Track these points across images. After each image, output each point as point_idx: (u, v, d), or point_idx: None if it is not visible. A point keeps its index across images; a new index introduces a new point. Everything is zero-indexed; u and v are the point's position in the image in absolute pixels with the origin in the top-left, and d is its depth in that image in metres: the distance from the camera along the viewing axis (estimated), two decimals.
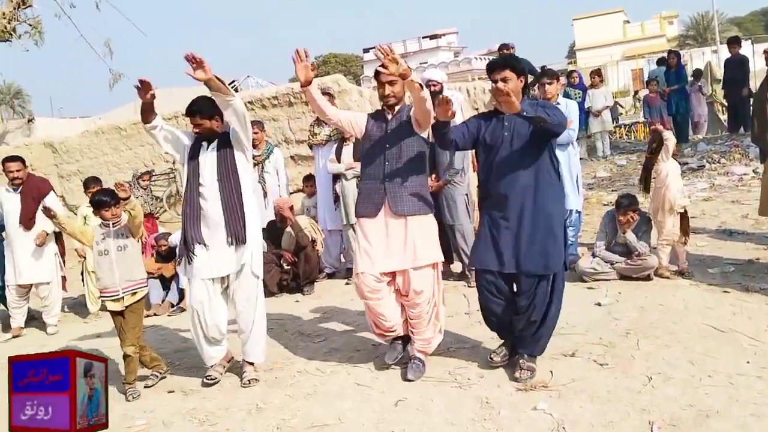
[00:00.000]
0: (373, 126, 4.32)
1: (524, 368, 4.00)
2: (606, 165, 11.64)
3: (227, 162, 4.39)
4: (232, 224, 4.35)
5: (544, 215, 3.96)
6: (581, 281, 5.80)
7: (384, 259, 4.18)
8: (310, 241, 6.89)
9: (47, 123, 18.53)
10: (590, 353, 4.23)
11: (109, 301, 4.56)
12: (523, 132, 3.97)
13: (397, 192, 4.16)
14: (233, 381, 4.53)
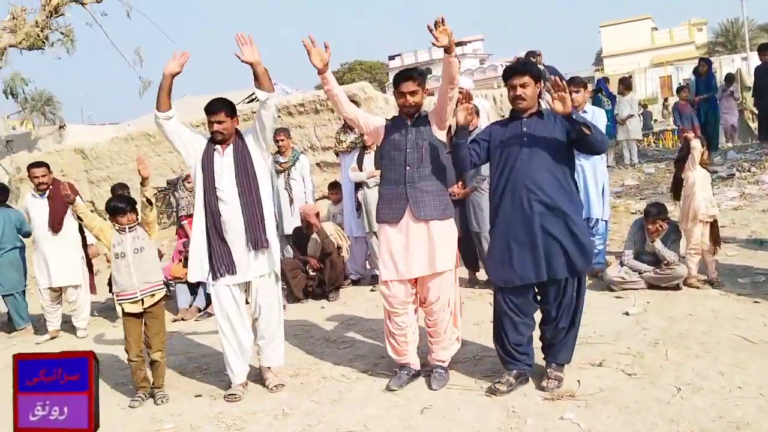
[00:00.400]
0: (393, 131, 4.31)
1: (552, 377, 3.98)
2: (634, 173, 11.53)
3: (246, 166, 4.38)
4: (252, 230, 4.34)
5: (562, 219, 3.89)
6: (609, 290, 5.76)
7: (407, 265, 4.18)
8: (335, 248, 6.92)
9: (78, 130, 18.78)
10: (618, 363, 4.20)
11: (127, 303, 4.62)
12: (543, 137, 3.93)
13: (419, 197, 4.16)
14: (259, 386, 4.56)
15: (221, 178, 4.35)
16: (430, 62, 62.98)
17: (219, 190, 4.34)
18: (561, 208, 3.88)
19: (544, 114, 4.00)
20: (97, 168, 14.21)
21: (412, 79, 4.24)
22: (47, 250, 6.56)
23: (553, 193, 3.88)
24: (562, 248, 3.87)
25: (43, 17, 13.39)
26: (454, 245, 4.30)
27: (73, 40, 13.86)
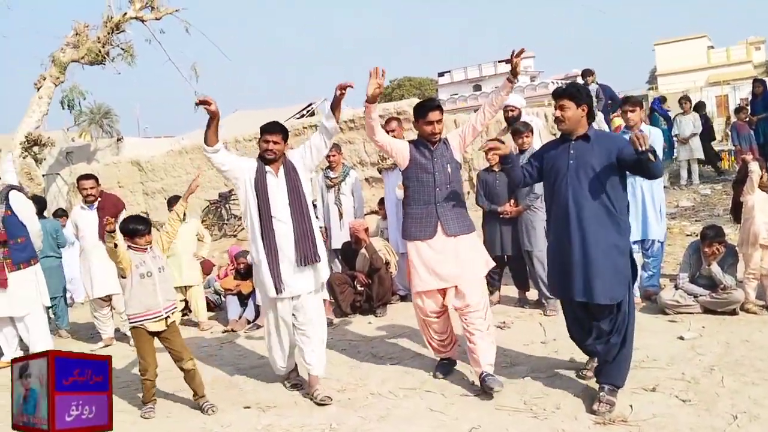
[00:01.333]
0: (417, 154, 4.61)
1: (603, 401, 3.91)
2: (689, 194, 11.29)
3: (297, 186, 4.66)
4: (303, 247, 4.59)
5: (607, 245, 3.94)
6: (663, 314, 5.63)
7: (438, 277, 4.52)
8: (383, 263, 6.93)
9: (135, 142, 19.30)
10: (672, 388, 4.10)
11: (150, 322, 4.59)
12: (589, 160, 4.00)
13: (448, 215, 4.52)
14: (307, 400, 4.59)
15: (275, 198, 4.60)
16: (480, 79, 63.00)
17: (273, 209, 4.59)
18: (604, 232, 3.94)
19: (591, 137, 4.06)
20: (152, 180, 14.56)
21: (439, 109, 4.60)
22: (96, 260, 6.67)
23: (597, 216, 3.95)
24: (601, 273, 3.92)
25: (105, 33, 13.86)
26: (479, 255, 4.68)
27: (132, 55, 14.32)
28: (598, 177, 3.96)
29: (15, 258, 6.03)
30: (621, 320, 4.02)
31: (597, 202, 3.96)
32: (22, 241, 6.07)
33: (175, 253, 7.18)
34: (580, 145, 4.05)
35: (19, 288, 6.05)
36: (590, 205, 3.95)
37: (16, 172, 12.76)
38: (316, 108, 26.11)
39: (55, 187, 16.32)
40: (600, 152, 3.99)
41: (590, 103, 4.12)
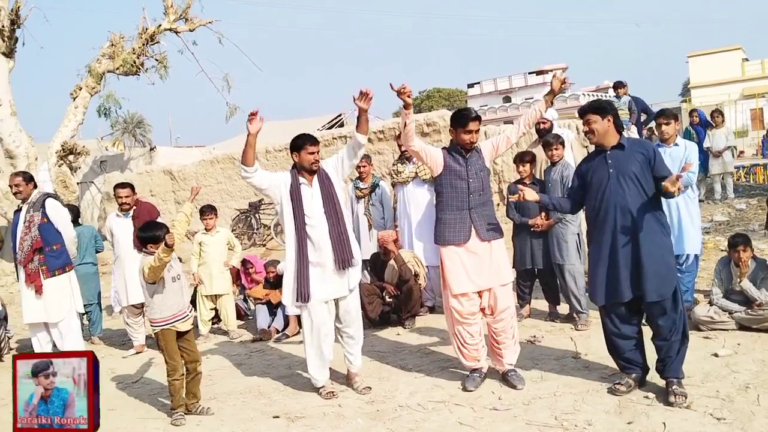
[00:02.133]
0: (451, 161, 4.81)
1: (678, 393, 4.11)
2: (724, 208, 11.11)
3: (331, 194, 4.89)
4: (339, 251, 4.81)
5: (654, 246, 4.19)
6: (697, 330, 5.54)
7: (476, 280, 4.72)
8: (413, 275, 6.91)
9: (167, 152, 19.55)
10: (706, 406, 4.03)
11: (180, 323, 4.75)
12: (627, 168, 4.25)
13: (481, 220, 4.75)
14: (336, 410, 4.59)
15: (310, 207, 4.82)
16: (510, 90, 62.76)
17: (308, 217, 4.79)
18: (651, 233, 4.19)
19: (624, 145, 4.33)
20: (184, 189, 14.71)
21: (479, 120, 4.81)
22: (130, 268, 6.74)
23: (643, 219, 4.18)
24: (652, 272, 4.15)
25: (140, 44, 14.09)
26: (508, 260, 4.96)
27: (166, 66, 14.53)
28: (638, 181, 4.22)
29: (50, 265, 6.14)
30: (678, 317, 4.22)
31: (641, 206, 4.20)
32: (57, 248, 6.18)
33: (206, 262, 7.28)
34: (616, 154, 4.31)
35: (54, 294, 6.15)
36: (635, 209, 4.20)
37: (51, 181, 13.02)
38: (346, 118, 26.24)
39: (89, 195, 16.60)
40: (636, 158, 4.25)
41: (615, 114, 4.37)
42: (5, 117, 12.23)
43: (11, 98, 12.36)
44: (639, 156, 4.25)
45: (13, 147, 12.24)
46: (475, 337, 4.79)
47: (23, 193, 6.23)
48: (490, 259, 4.72)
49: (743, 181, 16.46)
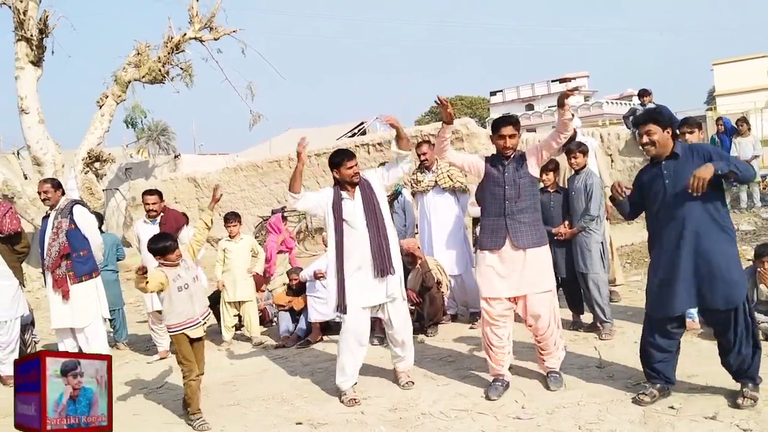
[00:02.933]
0: (491, 168, 4.87)
1: (748, 396, 4.08)
2: (750, 218, 10.98)
3: (373, 205, 5.05)
4: (378, 260, 4.98)
5: (719, 254, 4.08)
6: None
7: (507, 286, 4.76)
8: (435, 283, 6.90)
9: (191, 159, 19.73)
10: (733, 417, 3.97)
11: (190, 330, 4.86)
12: (683, 176, 4.11)
13: (517, 228, 4.73)
14: (359, 417, 4.59)
15: (352, 218, 5.01)
16: (533, 98, 62.61)
17: (350, 228, 5.00)
18: (714, 242, 4.09)
19: (679, 154, 4.23)
20: (208, 196, 14.84)
21: (512, 124, 4.80)
22: None
23: (705, 228, 4.10)
24: (714, 279, 4.06)
25: (165, 53, 14.26)
26: (550, 268, 4.89)
27: (191, 74, 14.68)
28: None
29: (77, 270, 6.22)
30: (745, 327, 4.11)
31: (701, 215, 4.10)
32: (84, 254, 6.26)
33: (230, 268, 7.33)
34: (672, 164, 4.23)
35: (81, 300, 6.23)
36: (696, 218, 4.10)
37: (78, 188, 13.20)
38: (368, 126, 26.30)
39: (114, 202, 16.79)
40: (692, 165, 4.10)
41: (673, 124, 4.29)
42: (33, 125, 12.42)
43: (39, 106, 12.56)
44: (695, 162, 4.12)
45: (40, 154, 12.43)
46: (502, 341, 4.82)
47: (51, 199, 6.32)
48: (523, 267, 4.72)
49: None
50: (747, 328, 4.12)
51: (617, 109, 50.17)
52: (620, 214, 4.71)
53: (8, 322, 6.49)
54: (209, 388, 5.64)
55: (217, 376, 6.04)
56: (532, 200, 4.81)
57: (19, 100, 12.34)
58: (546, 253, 4.84)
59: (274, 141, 25.70)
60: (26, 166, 14.93)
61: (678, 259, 4.14)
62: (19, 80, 12.35)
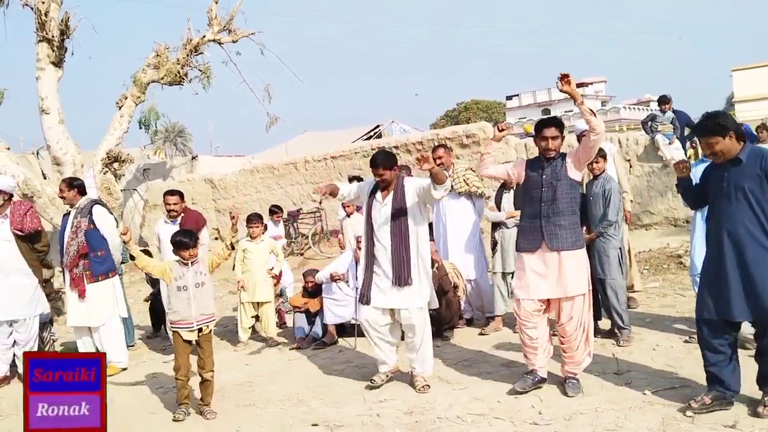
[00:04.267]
0: (531, 171, 4.93)
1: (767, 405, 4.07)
2: None
3: (400, 215, 5.13)
4: (398, 270, 5.11)
5: (760, 261, 4.04)
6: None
7: (539, 288, 4.80)
8: (452, 287, 6.89)
9: (208, 161, 19.83)
10: (752, 426, 3.94)
11: (184, 331, 4.99)
12: (741, 182, 4.09)
13: (552, 230, 4.75)
14: (375, 419, 4.59)
15: (378, 224, 5.20)
16: (549, 103, 62.36)
17: (376, 231, 5.22)
18: (757, 250, 4.04)
19: (742, 160, 4.13)
20: (224, 198, 14.92)
21: (555, 126, 4.85)
22: None
23: (753, 236, 4.05)
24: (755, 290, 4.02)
25: (184, 55, 14.32)
26: (585, 272, 4.85)
27: (209, 77, 14.74)
28: (752, 197, 4.06)
29: (94, 270, 6.27)
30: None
31: (754, 222, 4.06)
32: (102, 254, 6.31)
33: (250, 269, 7.34)
34: (733, 168, 4.15)
35: (97, 299, 6.28)
36: (745, 225, 4.07)
37: (96, 188, 13.29)
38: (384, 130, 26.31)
39: (132, 202, 16.89)
40: (753, 171, 4.08)
41: (736, 128, 4.16)
42: (53, 125, 12.52)
43: (59, 107, 12.66)
44: (757, 169, 4.06)
45: (60, 154, 12.52)
46: (535, 341, 4.87)
47: (67, 198, 6.38)
48: (558, 270, 4.74)
49: None
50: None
51: (634, 115, 49.87)
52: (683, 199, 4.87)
53: (27, 320, 6.54)
54: (225, 389, 5.66)
55: (233, 376, 6.06)
56: (570, 203, 4.80)
57: (40, 100, 12.45)
58: (582, 257, 4.86)
59: (290, 143, 25.78)
60: (45, 166, 15.05)
61: (724, 266, 4.14)
62: (40, 81, 12.46)
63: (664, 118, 10.99)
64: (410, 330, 5.20)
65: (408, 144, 12.73)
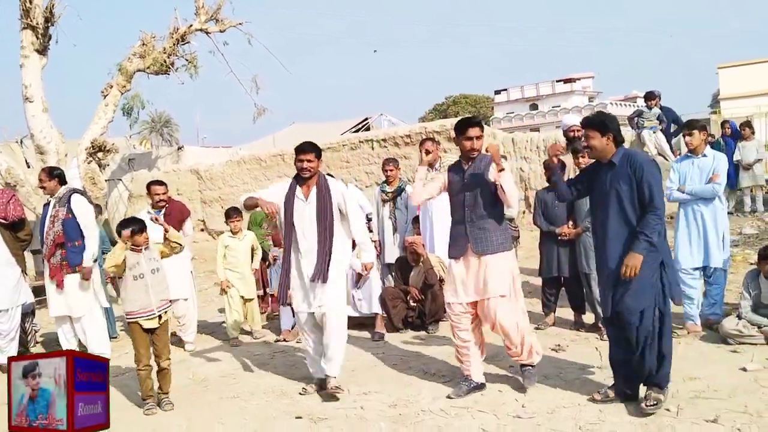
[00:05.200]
0: (453, 177, 4.85)
1: (650, 398, 4.16)
2: (753, 221, 10.95)
3: (325, 211, 4.94)
4: (320, 267, 4.91)
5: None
6: (725, 343, 5.46)
7: (465, 292, 4.75)
8: (438, 280, 6.90)
9: (194, 152, 19.70)
10: (734, 421, 3.96)
11: (143, 320, 4.95)
12: (615, 184, 4.26)
13: (477, 234, 4.69)
14: (358, 412, 4.59)
15: (301, 217, 4.97)
16: (538, 98, 62.52)
17: (298, 227, 4.98)
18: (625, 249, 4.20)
19: (616, 164, 4.29)
20: (210, 189, 14.82)
21: (479, 126, 4.75)
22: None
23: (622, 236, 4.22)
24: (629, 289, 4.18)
25: (171, 44, 14.18)
26: (508, 274, 4.74)
27: (196, 66, 14.61)
28: (624, 200, 4.23)
29: (71, 260, 6.17)
30: (648, 333, 4.18)
31: (623, 223, 4.23)
32: (79, 244, 6.20)
33: (235, 266, 7.22)
34: (610, 170, 4.32)
35: (76, 290, 6.20)
36: (616, 226, 4.24)
37: (80, 177, 13.18)
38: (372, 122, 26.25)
39: (116, 192, 16.77)
40: (623, 172, 4.25)
41: (616, 131, 4.34)
42: (37, 113, 12.38)
43: (43, 95, 12.53)
44: (627, 169, 4.24)
45: (44, 143, 12.39)
46: (467, 343, 4.85)
47: (48, 188, 6.31)
48: (480, 273, 4.69)
49: None
50: (653, 331, 4.20)
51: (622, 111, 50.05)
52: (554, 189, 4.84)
53: (10, 310, 6.48)
54: (209, 380, 5.65)
55: (217, 368, 6.04)
56: (493, 205, 4.70)
57: (24, 88, 12.30)
58: (506, 260, 4.76)
59: (278, 135, 25.68)
60: (29, 155, 14.89)
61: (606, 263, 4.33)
62: (24, 68, 12.31)
63: (651, 114, 11.05)
64: (328, 331, 5.01)
65: (396, 137, 12.71)
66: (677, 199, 5.97)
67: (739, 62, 47.43)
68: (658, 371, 4.23)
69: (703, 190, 5.80)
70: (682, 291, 5.91)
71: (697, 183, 5.86)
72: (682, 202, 5.96)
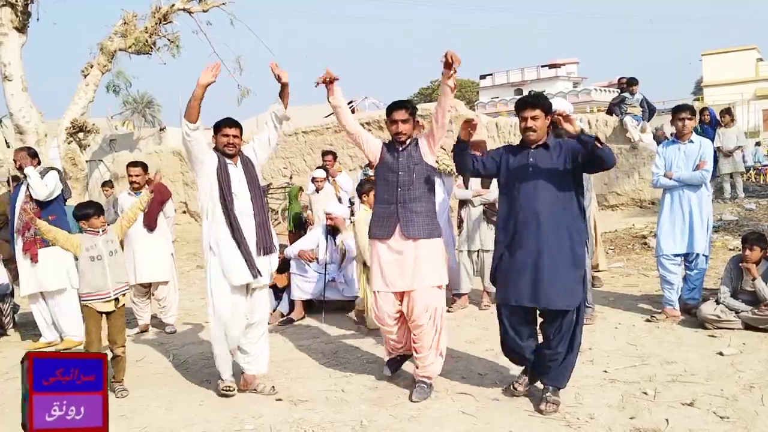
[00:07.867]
0: (386, 154, 4.63)
1: (550, 401, 4.08)
2: (733, 208, 11.06)
3: (254, 177, 4.71)
4: (262, 236, 4.65)
5: (565, 252, 4.05)
6: (703, 328, 5.53)
7: (395, 279, 4.49)
8: None
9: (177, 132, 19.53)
10: (710, 404, 4.02)
11: (99, 303, 4.84)
12: (546, 168, 4.10)
13: (409, 217, 4.46)
14: (339, 395, 4.59)
15: (238, 189, 4.60)
16: (522, 83, 62.50)
17: (236, 199, 4.57)
18: (566, 241, 4.05)
19: (550, 145, 4.16)
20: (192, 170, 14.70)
21: (405, 109, 4.58)
22: (139, 247, 6.76)
23: (555, 224, 4.04)
24: (555, 280, 4.01)
25: (153, 24, 14.04)
26: (441, 263, 4.58)
27: (178, 46, 14.47)
28: (556, 183, 4.07)
29: None
30: (566, 330, 4.12)
31: (557, 209, 4.06)
32: (52, 218, 6.14)
33: None
34: (540, 153, 4.15)
35: (50, 264, 6.16)
36: (549, 212, 4.05)
37: (60, 157, 13.04)
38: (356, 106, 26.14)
39: (98, 173, 16.62)
40: (558, 159, 4.10)
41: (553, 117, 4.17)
42: (16, 92, 12.23)
43: (22, 74, 12.36)
44: (563, 156, 4.09)
45: (23, 123, 12.24)
46: (398, 343, 4.72)
47: (25, 167, 6.26)
48: (413, 260, 4.43)
49: (754, 182, 16.39)
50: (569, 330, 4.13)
51: (605, 96, 50.23)
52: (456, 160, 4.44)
53: None
54: (189, 363, 5.63)
55: (198, 351, 6.01)
56: (427, 189, 4.54)
57: (3, 67, 12.14)
58: (438, 247, 4.57)
59: (262, 117, 25.50)
60: (9, 135, 14.70)
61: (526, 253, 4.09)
62: (3, 46, 12.14)
63: (633, 99, 11.10)
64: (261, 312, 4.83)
65: (380, 120, 12.67)
66: (664, 185, 5.99)
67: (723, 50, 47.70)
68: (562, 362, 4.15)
69: (692, 177, 5.83)
70: (663, 276, 5.99)
71: (683, 169, 5.88)
72: (668, 188, 5.98)
